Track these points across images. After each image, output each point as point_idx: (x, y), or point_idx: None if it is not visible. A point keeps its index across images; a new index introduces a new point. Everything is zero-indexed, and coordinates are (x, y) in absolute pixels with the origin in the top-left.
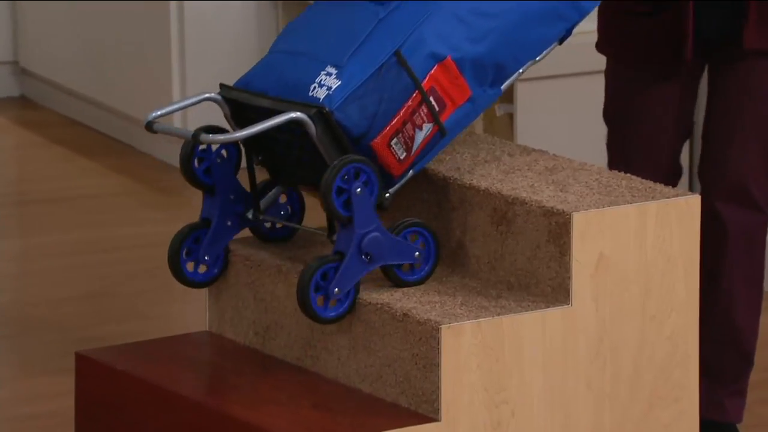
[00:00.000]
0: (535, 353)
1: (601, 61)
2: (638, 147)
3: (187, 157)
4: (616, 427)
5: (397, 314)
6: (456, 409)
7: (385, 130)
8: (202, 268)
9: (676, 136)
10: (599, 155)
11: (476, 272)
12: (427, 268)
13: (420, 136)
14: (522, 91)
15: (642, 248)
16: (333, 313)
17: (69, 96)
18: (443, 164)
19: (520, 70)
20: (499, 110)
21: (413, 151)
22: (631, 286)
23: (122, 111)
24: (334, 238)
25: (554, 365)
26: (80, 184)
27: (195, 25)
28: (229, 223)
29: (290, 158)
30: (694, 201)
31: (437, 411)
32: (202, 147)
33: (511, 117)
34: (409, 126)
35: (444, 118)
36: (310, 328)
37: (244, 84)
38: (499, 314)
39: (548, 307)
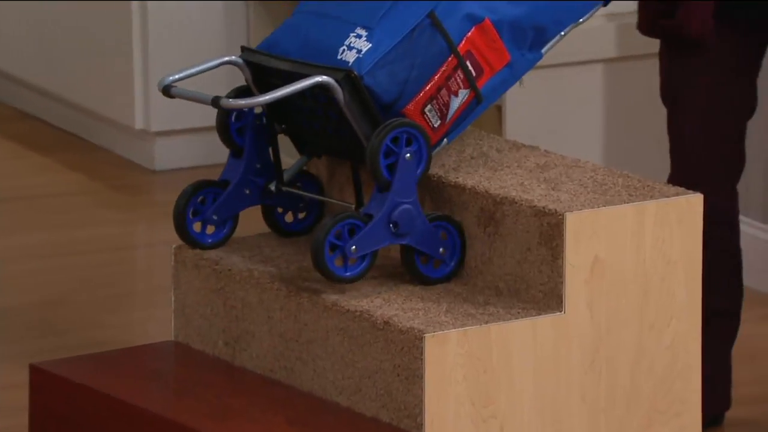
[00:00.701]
0: (526, 364)
1: (598, 50)
2: (698, 129)
3: (224, 115)
4: None
5: (378, 322)
6: (441, 424)
7: (418, 97)
8: (209, 229)
9: (738, 115)
10: (594, 151)
11: (462, 277)
12: (452, 264)
13: (455, 103)
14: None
15: (640, 251)
16: (348, 273)
17: (20, 87)
18: None
19: (562, 33)
20: None
21: (448, 118)
22: (628, 292)
23: (79, 103)
24: (361, 211)
25: (546, 377)
26: (33, 183)
27: (158, 17)
28: (247, 191)
29: (314, 127)
30: (696, 200)
31: (420, 426)
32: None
33: (499, 110)
34: (444, 92)
35: (481, 84)
36: (283, 338)
37: (267, 46)
38: (486, 322)
39: (539, 314)
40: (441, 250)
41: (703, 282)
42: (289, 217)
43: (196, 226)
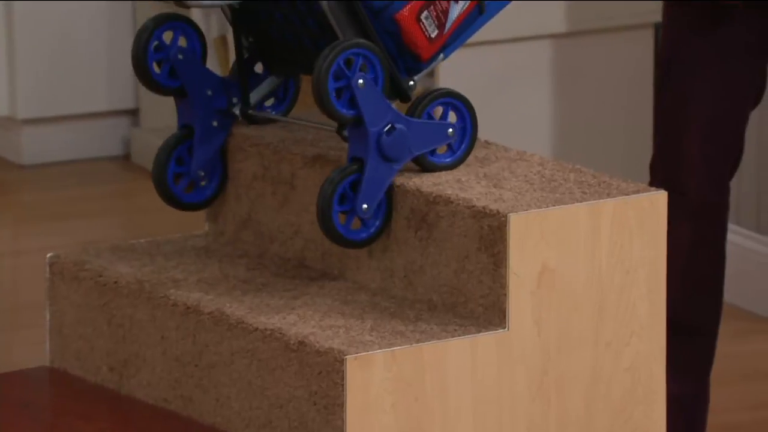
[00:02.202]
0: (464, 389)
1: (545, 23)
2: (696, 106)
3: (142, 65)
4: None
5: (291, 342)
6: None
7: (414, 1)
8: (190, 187)
9: (743, 100)
10: (541, 142)
11: (390, 289)
12: (464, 146)
13: (455, 11)
14: (446, 64)
15: (595, 258)
16: (364, 234)
17: None
18: (346, 153)
19: None
20: (419, 88)
21: (447, 28)
22: (581, 305)
23: None
24: (345, 133)
25: (487, 404)
26: None
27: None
28: (215, 124)
29: (287, 40)
30: (659, 198)
31: None
32: (155, 45)
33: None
34: None
35: None
36: (179, 362)
37: None
38: (418, 341)
39: (479, 331)
40: (449, 131)
41: (679, 291)
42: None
43: (177, 181)
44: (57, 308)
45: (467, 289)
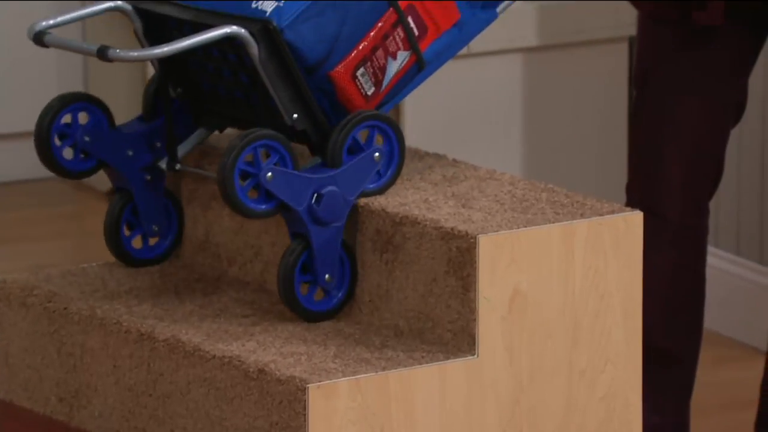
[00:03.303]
0: (432, 419)
1: (516, 37)
2: (676, 126)
3: (49, 158)
4: None
5: (251, 370)
6: None
7: (350, 57)
8: (151, 241)
9: (724, 117)
10: (512, 160)
11: (354, 314)
12: (391, 170)
13: (393, 67)
14: None
15: (569, 282)
16: (326, 306)
17: None
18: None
19: None
20: None
21: (384, 85)
22: (554, 332)
23: None
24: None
25: None
26: None
27: None
28: (148, 178)
29: (218, 92)
30: (635, 219)
31: None
32: (58, 134)
33: (398, 110)
34: (380, 53)
35: (424, 46)
36: (133, 392)
37: None
38: (384, 368)
39: (448, 358)
40: (376, 155)
41: (658, 317)
42: (137, 243)
43: (135, 242)
44: (4, 336)
45: (435, 314)
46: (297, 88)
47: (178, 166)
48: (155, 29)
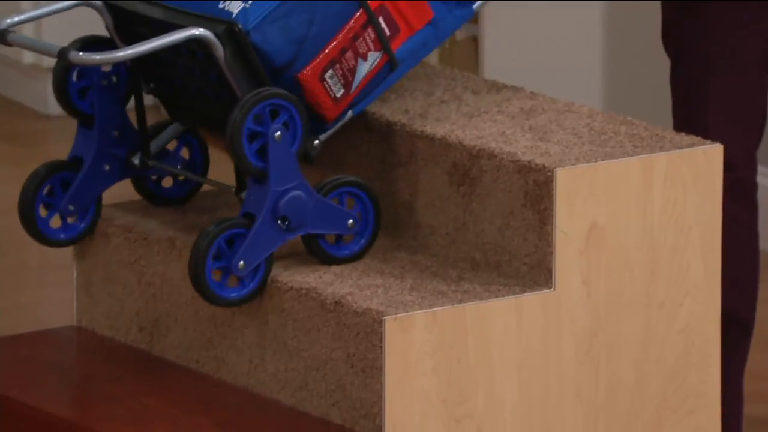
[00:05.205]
0: (508, 352)
1: None
2: (712, 79)
3: (62, 72)
4: None
5: (328, 302)
6: (404, 426)
7: (317, 60)
8: (56, 222)
9: (762, 63)
10: (591, 93)
11: (431, 247)
12: (363, 241)
13: (363, 68)
14: (490, 8)
15: (647, 215)
16: (234, 294)
17: None
18: (387, 105)
19: None
20: (460, 33)
21: (354, 87)
22: (632, 265)
23: None
24: (242, 195)
25: (533, 368)
26: None
27: None
28: (107, 167)
29: (190, 89)
30: (715, 152)
31: (379, 428)
32: (76, 72)
33: (475, 42)
34: (349, 55)
35: (396, 46)
36: (212, 322)
37: None
38: (460, 301)
39: (525, 291)
40: (350, 222)
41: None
42: (167, 182)
43: (52, 220)
44: (85, 265)
45: (512, 247)
46: None
47: (151, 163)
48: (125, 25)
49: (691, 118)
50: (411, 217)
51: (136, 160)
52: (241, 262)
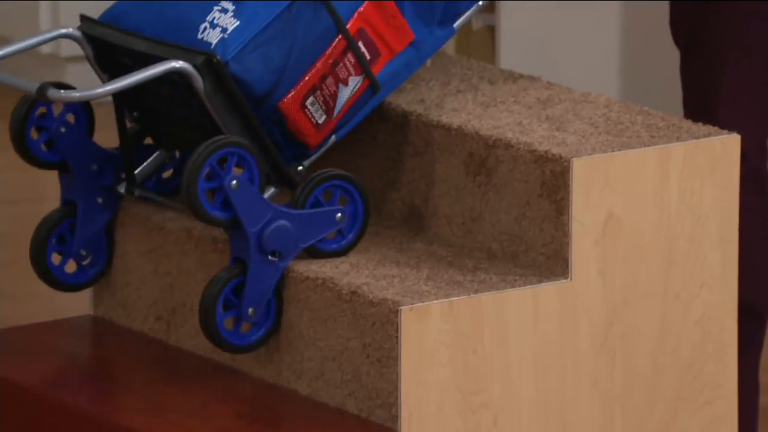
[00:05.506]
0: (525, 343)
1: None
2: (726, 68)
3: (18, 130)
4: None
5: (344, 292)
6: (420, 415)
7: (298, 87)
8: (71, 266)
9: None
10: (608, 83)
11: (447, 237)
12: (354, 232)
13: (345, 94)
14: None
15: (664, 205)
16: (253, 338)
17: None
18: (403, 95)
19: (480, 3)
20: (477, 23)
21: (336, 112)
22: (648, 255)
23: None
24: (231, 257)
25: (549, 358)
26: None
27: None
28: (100, 201)
29: (173, 117)
30: (732, 142)
31: (396, 418)
32: (39, 111)
33: (492, 31)
34: (330, 81)
35: (377, 70)
36: None
37: (111, 17)
38: (477, 291)
39: (541, 281)
40: (338, 215)
41: None
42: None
43: (65, 265)
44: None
45: (528, 237)
46: (245, 120)
47: (137, 192)
48: (106, 55)
49: (702, 108)
50: (427, 207)
51: (121, 189)
52: (251, 309)
